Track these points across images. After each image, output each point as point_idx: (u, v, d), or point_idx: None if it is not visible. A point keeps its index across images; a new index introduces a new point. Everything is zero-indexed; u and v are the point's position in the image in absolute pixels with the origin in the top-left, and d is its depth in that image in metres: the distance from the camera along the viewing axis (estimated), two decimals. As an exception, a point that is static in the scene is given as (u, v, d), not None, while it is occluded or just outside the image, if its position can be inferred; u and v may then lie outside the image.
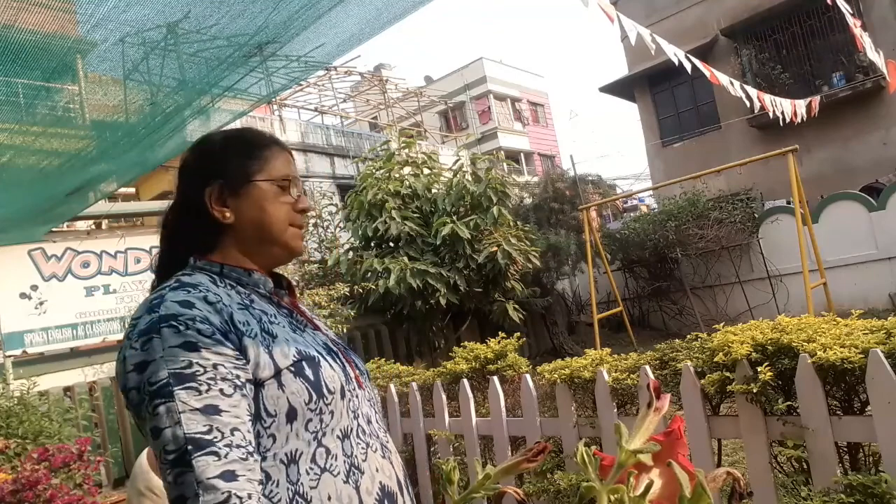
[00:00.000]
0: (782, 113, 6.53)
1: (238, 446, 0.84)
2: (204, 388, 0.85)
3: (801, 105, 6.76)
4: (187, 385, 0.84)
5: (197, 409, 0.83)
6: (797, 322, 2.25)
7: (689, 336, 2.57)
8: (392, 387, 3.41)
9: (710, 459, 2.25)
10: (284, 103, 15.19)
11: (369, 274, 7.61)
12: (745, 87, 5.98)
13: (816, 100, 7.66)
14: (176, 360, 0.85)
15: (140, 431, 0.89)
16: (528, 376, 2.81)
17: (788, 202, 9.78)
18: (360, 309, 7.68)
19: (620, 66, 31.65)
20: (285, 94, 14.69)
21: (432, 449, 3.29)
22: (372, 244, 8.29)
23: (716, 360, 2.16)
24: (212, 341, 0.87)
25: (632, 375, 2.44)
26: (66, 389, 6.81)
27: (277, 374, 0.91)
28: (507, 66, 25.93)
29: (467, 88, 24.04)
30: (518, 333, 3.46)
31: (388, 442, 1.06)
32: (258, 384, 0.91)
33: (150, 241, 8.65)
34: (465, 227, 7.69)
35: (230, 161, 1.07)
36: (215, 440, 0.82)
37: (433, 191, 8.41)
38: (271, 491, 0.88)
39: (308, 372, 0.94)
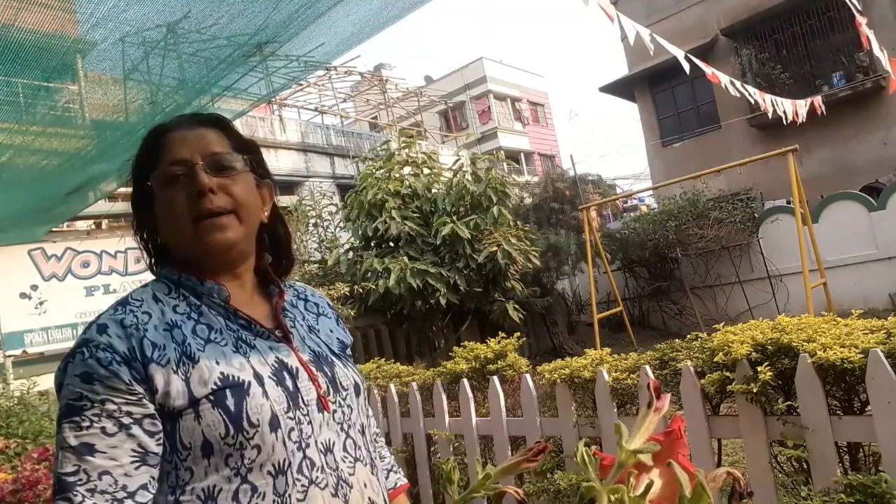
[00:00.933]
0: (784, 112, 6.53)
1: (101, 492, 0.79)
2: (86, 423, 0.80)
3: (801, 105, 6.76)
4: (72, 419, 0.81)
5: (72, 448, 0.80)
6: (797, 322, 2.25)
7: (689, 336, 2.57)
8: (392, 387, 3.41)
9: (711, 459, 2.25)
10: (284, 103, 15.19)
11: (369, 274, 7.61)
12: (746, 86, 5.99)
13: (818, 99, 7.66)
14: (72, 389, 0.82)
15: None
16: (528, 376, 2.81)
17: (788, 202, 9.78)
18: (360, 309, 7.68)
19: (620, 66, 31.64)
20: (285, 94, 14.70)
21: (432, 449, 3.29)
22: (372, 244, 8.30)
23: (716, 359, 2.16)
24: (107, 373, 0.82)
25: (632, 375, 2.44)
26: (66, 389, 6.80)
27: (193, 403, 0.84)
28: (507, 66, 25.94)
29: (467, 88, 24.05)
30: (518, 333, 3.46)
31: (352, 474, 0.93)
32: (174, 414, 0.84)
33: (150, 240, 8.65)
34: (465, 226, 7.69)
35: (135, 168, 0.98)
36: (78, 483, 0.78)
37: (433, 191, 8.42)
38: None
39: (229, 402, 0.84)
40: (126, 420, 0.82)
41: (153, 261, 1.03)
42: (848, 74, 11.82)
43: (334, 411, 0.95)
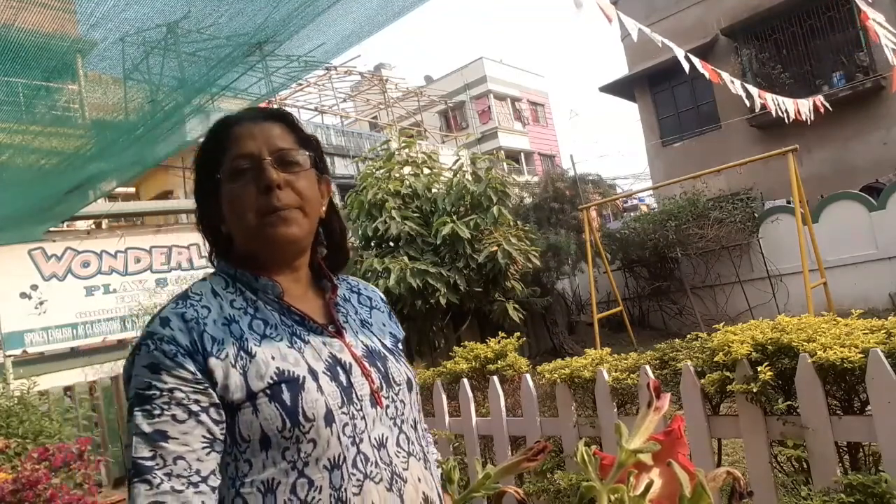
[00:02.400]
0: (786, 111, 6.52)
1: (178, 476, 0.81)
2: (157, 412, 0.83)
3: (804, 104, 6.76)
4: (143, 407, 0.83)
5: (146, 434, 0.82)
6: (797, 322, 2.25)
7: (689, 336, 2.57)
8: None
9: (710, 459, 2.25)
10: (284, 103, 15.19)
11: (369, 273, 7.61)
12: (747, 86, 5.98)
13: (820, 98, 7.66)
14: (141, 380, 0.85)
15: None
16: (528, 376, 2.81)
17: (788, 202, 9.78)
18: (360, 308, 7.66)
19: (620, 65, 31.65)
20: (285, 94, 14.70)
21: (432, 448, 3.29)
22: (372, 244, 8.29)
23: (716, 359, 2.16)
24: (173, 364, 0.84)
25: (632, 375, 2.44)
26: (67, 389, 6.80)
27: (251, 397, 0.86)
28: (508, 65, 25.93)
29: (467, 88, 24.05)
30: (518, 333, 3.46)
31: (406, 469, 0.93)
32: (234, 407, 0.86)
33: (150, 240, 8.66)
34: (465, 226, 7.69)
35: (200, 160, 1.01)
36: (155, 468, 0.81)
37: (433, 190, 8.41)
38: None
39: (285, 396, 0.86)
40: (195, 408, 0.84)
41: (213, 252, 1.03)
42: (848, 74, 11.82)
43: (387, 406, 0.95)
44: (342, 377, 0.92)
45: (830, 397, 2.01)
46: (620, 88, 15.44)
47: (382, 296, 1.17)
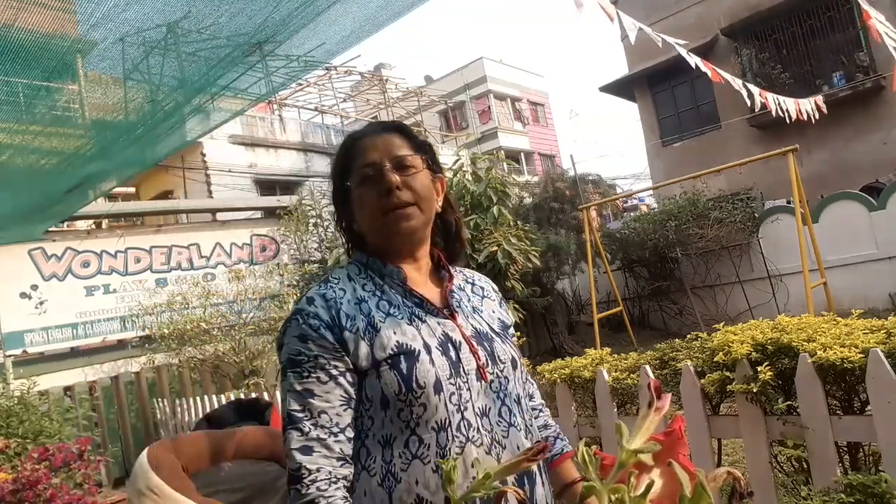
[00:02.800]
0: (787, 111, 6.50)
1: (322, 426, 1.00)
2: (305, 374, 1.02)
3: (805, 104, 6.74)
4: (294, 370, 1.03)
5: (297, 391, 1.02)
6: (797, 322, 2.25)
7: (689, 336, 2.57)
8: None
9: (711, 459, 2.25)
10: (284, 103, 15.18)
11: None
12: (749, 85, 5.96)
13: (820, 98, 7.66)
14: (292, 347, 1.05)
15: None
16: (528, 376, 2.80)
17: (788, 202, 9.78)
18: (360, 308, 7.67)
19: (621, 65, 31.64)
20: (285, 94, 14.69)
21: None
22: (372, 244, 8.28)
23: (716, 359, 2.16)
24: (317, 335, 1.03)
25: (632, 375, 2.44)
26: (67, 389, 6.80)
27: (375, 365, 1.02)
28: (508, 65, 25.92)
29: (467, 88, 24.03)
30: (518, 333, 3.46)
31: (505, 437, 1.05)
32: (361, 373, 1.03)
33: (150, 240, 8.65)
34: (465, 226, 7.69)
35: (335, 171, 1.19)
36: (305, 418, 1.00)
37: (433, 190, 8.39)
38: (369, 465, 1.03)
39: (402, 366, 1.01)
40: (334, 371, 1.03)
41: (349, 246, 1.22)
42: (848, 74, 11.81)
43: (491, 381, 1.08)
44: (452, 353, 1.06)
45: (830, 397, 2.01)
46: (620, 88, 15.44)
47: (494, 286, 1.31)
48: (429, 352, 1.03)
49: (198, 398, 5.28)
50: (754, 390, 2.00)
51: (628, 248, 10.66)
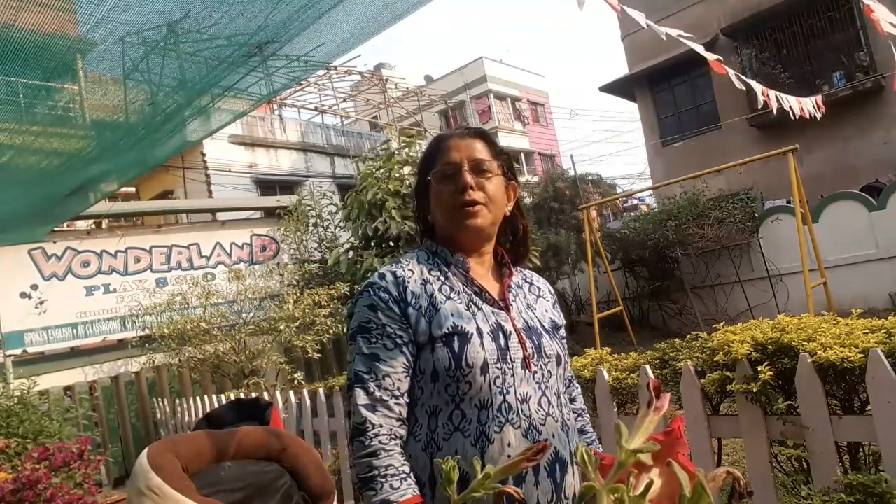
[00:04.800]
0: (790, 108, 6.49)
1: (385, 389, 1.10)
2: (373, 340, 1.13)
3: (807, 102, 6.73)
4: (364, 335, 1.14)
5: (365, 354, 1.12)
6: (797, 321, 2.25)
7: (689, 335, 2.57)
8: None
9: (710, 459, 2.25)
10: (285, 103, 15.18)
11: (369, 273, 7.60)
12: (751, 81, 5.94)
13: (820, 98, 7.64)
14: (363, 315, 1.16)
15: None
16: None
17: (788, 202, 9.78)
18: (360, 308, 7.65)
19: (621, 65, 31.62)
20: (285, 94, 14.68)
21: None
22: (372, 244, 8.29)
23: (716, 359, 2.16)
24: (386, 307, 1.14)
25: (632, 375, 2.44)
26: (67, 389, 6.80)
27: (432, 341, 1.12)
28: (508, 65, 25.91)
29: (467, 88, 24.02)
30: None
31: (542, 424, 1.12)
32: (419, 346, 1.13)
33: (150, 240, 8.65)
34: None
35: (421, 165, 1.30)
36: (370, 379, 1.10)
37: (433, 190, 8.39)
38: (416, 431, 1.12)
39: (455, 345, 1.10)
40: (399, 341, 1.13)
41: (422, 234, 1.33)
42: (848, 74, 11.80)
43: (535, 372, 1.16)
44: (501, 340, 1.14)
45: (830, 397, 2.01)
46: (620, 88, 15.43)
47: (551, 289, 1.40)
48: (480, 336, 1.12)
49: (198, 398, 5.28)
50: (754, 390, 2.00)
51: (628, 247, 10.66)
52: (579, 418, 1.35)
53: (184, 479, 1.66)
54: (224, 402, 4.39)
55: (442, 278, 1.20)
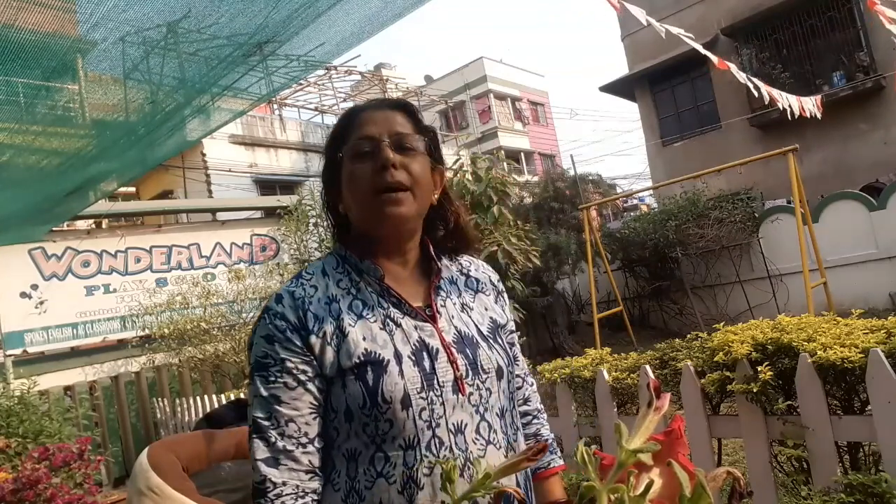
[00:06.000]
0: (790, 107, 6.49)
1: (289, 437, 0.93)
2: (272, 378, 0.94)
3: (808, 102, 6.73)
4: (261, 373, 0.95)
5: (263, 397, 0.94)
6: (797, 321, 2.25)
7: (689, 336, 2.57)
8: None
9: (711, 459, 2.25)
10: (285, 103, 15.18)
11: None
12: (753, 79, 5.95)
13: (819, 98, 7.65)
14: (259, 349, 0.97)
15: None
16: (528, 376, 2.80)
17: (789, 202, 9.77)
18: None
19: (621, 65, 31.61)
20: (286, 94, 14.69)
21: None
22: (372, 243, 8.28)
23: (716, 359, 2.16)
24: (283, 337, 0.95)
25: (632, 375, 2.44)
26: (67, 389, 6.80)
27: (341, 374, 0.94)
28: (508, 65, 25.91)
29: (467, 88, 24.02)
30: (518, 333, 3.46)
31: (482, 456, 0.94)
32: (327, 380, 0.95)
33: (150, 240, 8.65)
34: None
35: (329, 142, 1.08)
36: (270, 427, 0.93)
37: (433, 190, 8.39)
38: (334, 479, 0.96)
39: (369, 377, 0.92)
40: (302, 377, 0.94)
41: (335, 232, 1.11)
42: (848, 74, 11.80)
43: (470, 394, 0.97)
44: (426, 362, 0.96)
45: (830, 397, 2.01)
46: (620, 88, 15.43)
47: (494, 277, 1.19)
48: (399, 362, 0.94)
49: (198, 398, 5.28)
50: (754, 390, 2.00)
51: (628, 247, 10.66)
52: (534, 421, 1.19)
53: (184, 479, 1.66)
54: (224, 402, 4.40)
55: (353, 291, 1.01)
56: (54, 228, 7.41)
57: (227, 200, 11.20)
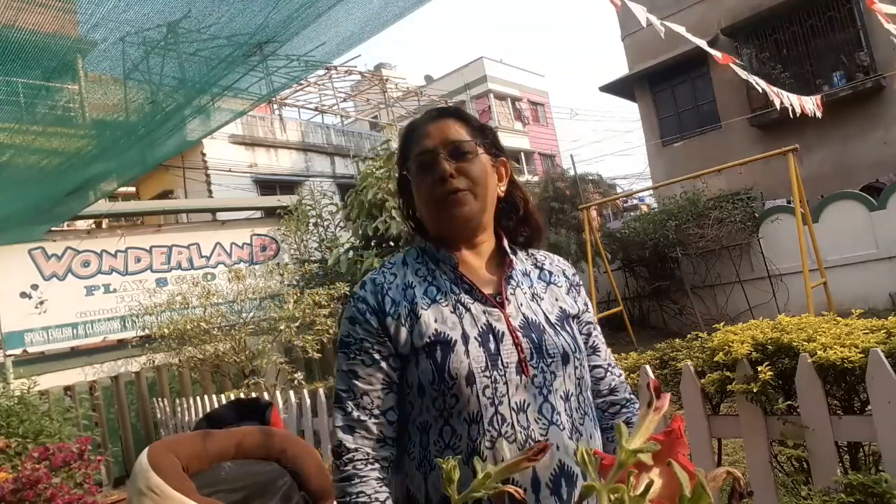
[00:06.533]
0: (791, 106, 6.49)
1: (363, 408, 1.04)
2: (351, 356, 1.07)
3: (808, 101, 6.73)
4: (343, 350, 1.08)
5: (344, 371, 1.07)
6: (797, 321, 2.25)
7: (689, 335, 2.57)
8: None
9: (711, 459, 2.25)
10: (285, 102, 15.18)
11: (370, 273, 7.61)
12: (755, 77, 5.95)
13: (819, 98, 7.65)
14: (344, 328, 1.11)
15: None
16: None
17: (789, 202, 9.77)
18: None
19: (621, 65, 31.61)
20: (286, 94, 14.68)
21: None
22: (372, 243, 8.29)
23: (716, 359, 2.15)
24: (363, 319, 1.08)
25: (632, 375, 2.44)
26: (67, 389, 6.81)
27: (414, 352, 1.04)
28: (508, 65, 25.90)
29: (467, 88, 24.02)
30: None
31: (543, 436, 0.99)
32: (403, 358, 1.06)
33: (150, 240, 8.65)
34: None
35: (397, 160, 1.20)
36: (348, 398, 1.05)
37: (433, 190, 8.38)
38: (410, 449, 1.05)
39: (438, 355, 1.02)
40: (377, 356, 1.06)
41: (414, 233, 1.22)
42: (848, 74, 11.80)
43: (534, 376, 1.03)
44: (491, 344, 1.03)
45: (830, 397, 2.01)
46: (620, 88, 15.43)
47: (570, 271, 1.26)
48: (466, 342, 1.02)
49: (198, 398, 5.29)
50: (754, 390, 2.00)
51: (628, 247, 10.66)
52: (623, 410, 1.19)
53: (184, 479, 1.66)
54: (224, 402, 4.40)
55: (429, 279, 1.11)
56: (54, 228, 7.41)
57: (227, 200, 11.20)
